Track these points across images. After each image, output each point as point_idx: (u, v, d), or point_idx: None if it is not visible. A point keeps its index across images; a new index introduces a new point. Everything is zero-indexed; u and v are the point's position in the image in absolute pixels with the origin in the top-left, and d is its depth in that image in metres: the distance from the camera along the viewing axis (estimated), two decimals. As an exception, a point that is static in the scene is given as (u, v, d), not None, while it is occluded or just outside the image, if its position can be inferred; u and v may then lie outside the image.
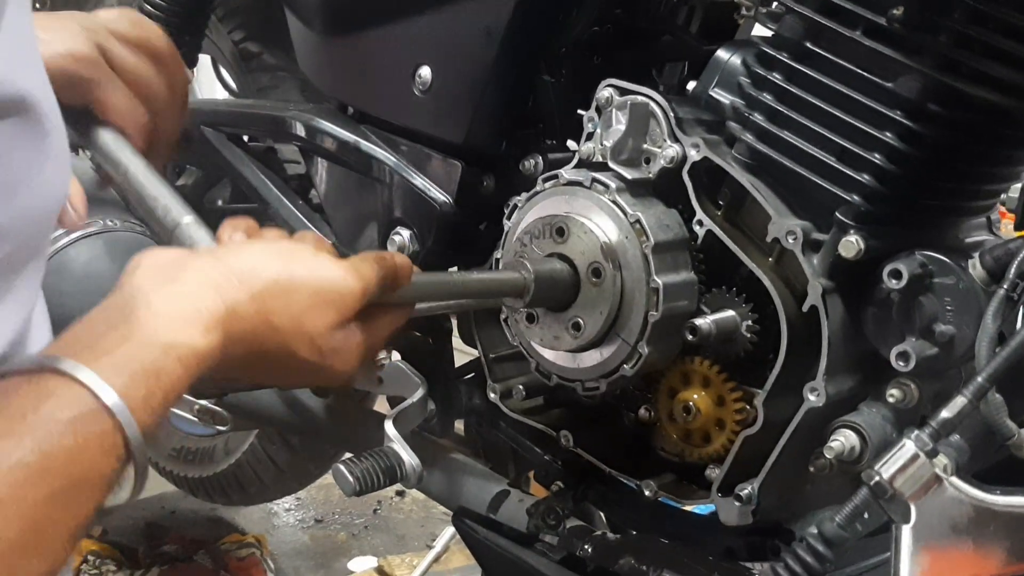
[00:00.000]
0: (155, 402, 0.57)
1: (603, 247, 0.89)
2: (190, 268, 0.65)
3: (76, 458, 0.52)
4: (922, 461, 0.60)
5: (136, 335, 0.58)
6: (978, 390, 0.63)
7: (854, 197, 0.80)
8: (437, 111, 1.05)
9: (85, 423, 0.53)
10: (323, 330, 0.71)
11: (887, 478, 0.60)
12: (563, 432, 1.03)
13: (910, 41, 0.75)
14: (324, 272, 0.72)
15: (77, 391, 0.54)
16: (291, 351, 0.70)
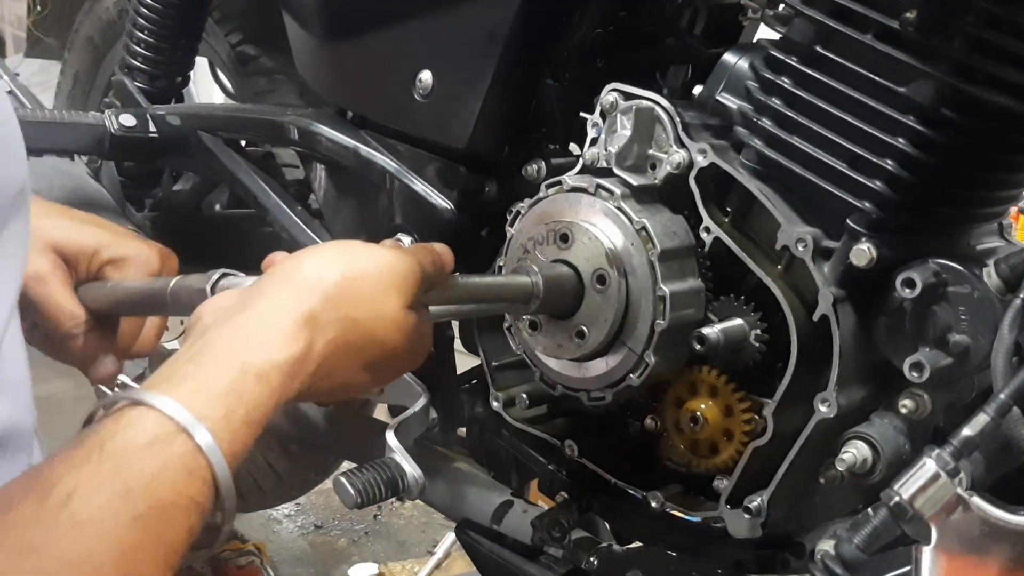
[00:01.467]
0: (237, 421, 0.57)
1: (608, 254, 0.87)
2: (255, 295, 0.67)
3: (158, 481, 0.52)
4: (943, 481, 0.59)
5: (211, 362, 0.60)
6: (1001, 407, 0.61)
7: (866, 204, 0.79)
8: (438, 116, 1.04)
9: (163, 445, 0.53)
10: (399, 310, 0.74)
11: (907, 498, 0.59)
12: (568, 442, 1.01)
13: (923, 45, 0.73)
14: (384, 259, 0.74)
15: (154, 416, 0.55)
16: (378, 339, 0.73)
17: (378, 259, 0.74)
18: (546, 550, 0.99)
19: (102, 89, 1.76)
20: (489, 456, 1.19)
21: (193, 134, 1.29)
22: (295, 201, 1.20)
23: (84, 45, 1.78)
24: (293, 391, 0.63)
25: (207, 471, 0.55)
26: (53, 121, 1.26)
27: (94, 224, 0.90)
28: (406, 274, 0.75)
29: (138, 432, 0.53)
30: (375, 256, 0.74)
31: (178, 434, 0.54)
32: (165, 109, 1.36)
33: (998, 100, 0.73)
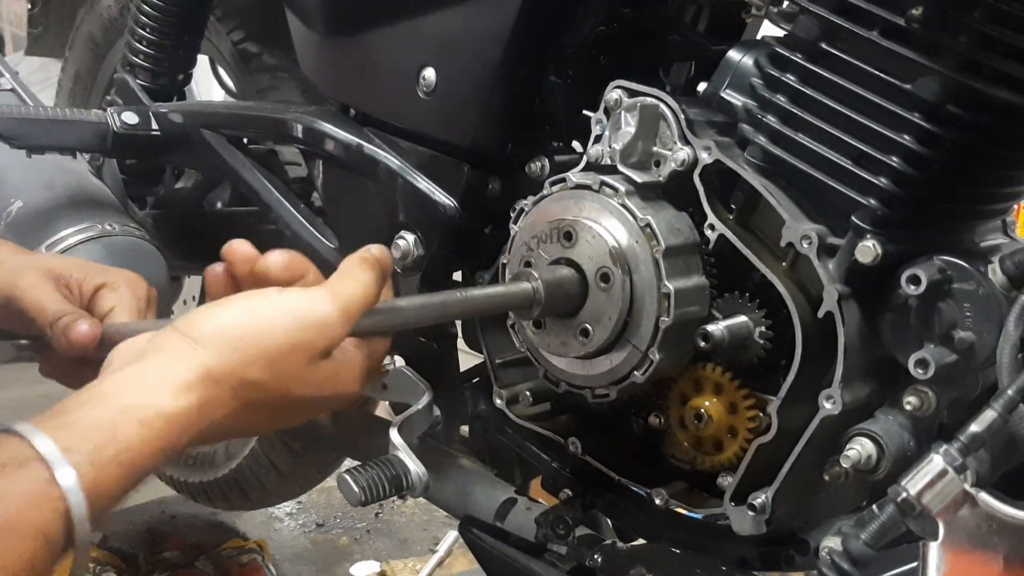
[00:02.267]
0: (105, 459, 0.57)
1: (612, 251, 0.87)
2: (157, 345, 0.67)
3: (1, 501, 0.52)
4: (951, 477, 0.59)
5: (94, 400, 0.60)
6: (1008, 403, 0.61)
7: (871, 201, 0.79)
8: (442, 113, 1.03)
9: (14, 469, 0.53)
10: (306, 364, 0.72)
11: (915, 494, 0.59)
12: (571, 439, 1.01)
13: (929, 41, 0.73)
14: (295, 307, 0.72)
15: (15, 442, 0.55)
16: (282, 394, 0.71)
17: (291, 308, 0.71)
18: (550, 547, 0.99)
19: (103, 87, 1.76)
20: (492, 453, 1.19)
21: (196, 131, 1.28)
22: (298, 199, 1.20)
23: (85, 43, 1.78)
24: (181, 442, 0.63)
25: (60, 503, 0.54)
26: (56, 119, 1.26)
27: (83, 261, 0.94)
28: (322, 321, 0.72)
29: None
30: (287, 305, 0.71)
31: (34, 461, 0.54)
32: (167, 107, 1.36)
33: (1004, 96, 0.73)
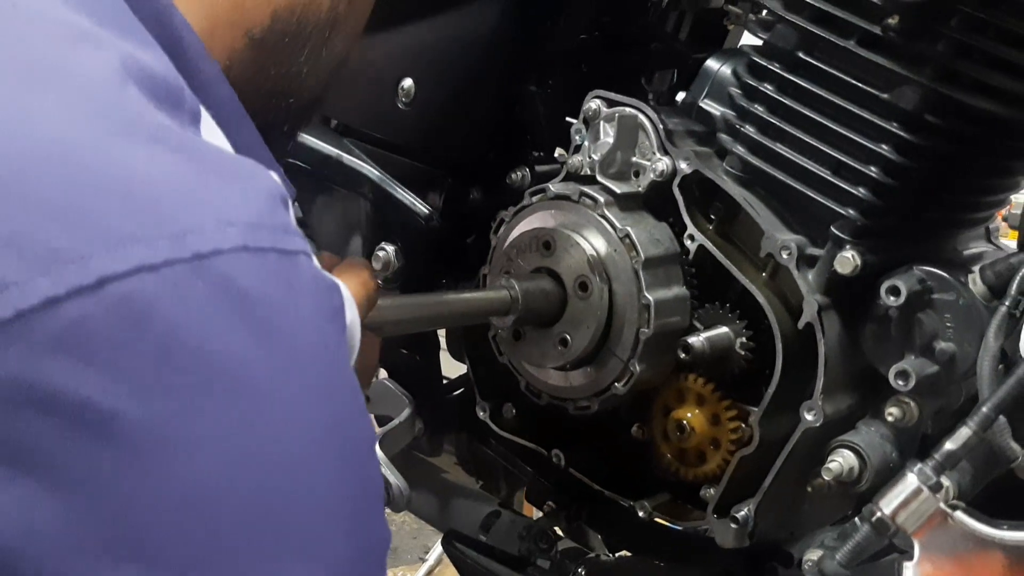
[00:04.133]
0: None
1: (590, 260, 0.87)
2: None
3: None
4: (925, 495, 0.58)
5: None
6: (983, 420, 0.61)
7: (850, 211, 0.78)
8: (421, 123, 1.03)
9: None
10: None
11: (889, 513, 0.58)
12: (555, 451, 1.00)
13: (906, 51, 0.73)
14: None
15: None
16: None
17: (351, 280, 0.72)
18: (534, 561, 0.98)
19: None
20: (478, 466, 1.19)
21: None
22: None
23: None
24: None
25: None
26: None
27: None
28: (367, 294, 0.72)
29: None
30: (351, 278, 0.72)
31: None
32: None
33: (982, 105, 0.73)
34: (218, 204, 0.40)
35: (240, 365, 0.38)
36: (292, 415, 0.39)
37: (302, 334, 0.41)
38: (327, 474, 0.41)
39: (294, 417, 0.39)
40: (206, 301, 0.38)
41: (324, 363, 0.42)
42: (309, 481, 0.40)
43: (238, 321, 0.38)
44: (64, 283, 0.35)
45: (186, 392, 0.36)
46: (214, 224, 0.39)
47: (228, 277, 0.39)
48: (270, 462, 0.38)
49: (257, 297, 0.40)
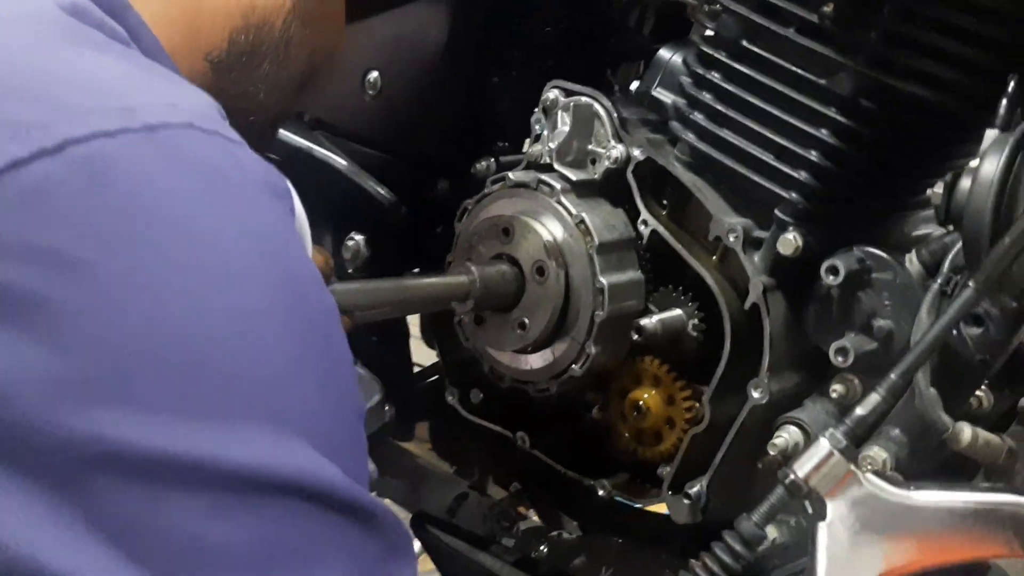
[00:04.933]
0: None
1: (546, 245, 0.89)
2: None
3: None
4: (836, 459, 0.61)
5: None
6: (892, 387, 0.63)
7: (792, 195, 0.81)
8: (386, 115, 1.05)
9: None
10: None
11: (802, 476, 0.61)
12: (520, 433, 1.03)
13: (842, 38, 0.75)
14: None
15: None
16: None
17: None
18: (499, 540, 1.00)
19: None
20: (450, 450, 1.21)
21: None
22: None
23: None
24: None
25: None
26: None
27: None
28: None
29: None
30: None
31: None
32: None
33: (915, 90, 0.75)
34: (164, 93, 0.45)
35: (195, 220, 0.41)
36: (249, 268, 0.42)
37: (252, 200, 0.44)
38: (285, 326, 0.43)
39: (252, 270, 0.42)
40: (160, 163, 0.41)
41: (275, 229, 0.45)
42: (268, 331, 0.42)
43: (191, 182, 0.42)
44: (29, 147, 0.39)
45: (148, 242, 0.39)
46: (162, 106, 0.43)
47: (178, 146, 0.42)
48: (230, 308, 0.41)
49: (207, 164, 0.43)
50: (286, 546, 0.41)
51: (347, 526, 0.44)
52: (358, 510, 0.45)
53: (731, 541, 0.63)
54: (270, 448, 0.41)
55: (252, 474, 0.40)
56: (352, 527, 0.45)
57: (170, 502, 0.38)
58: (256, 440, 0.40)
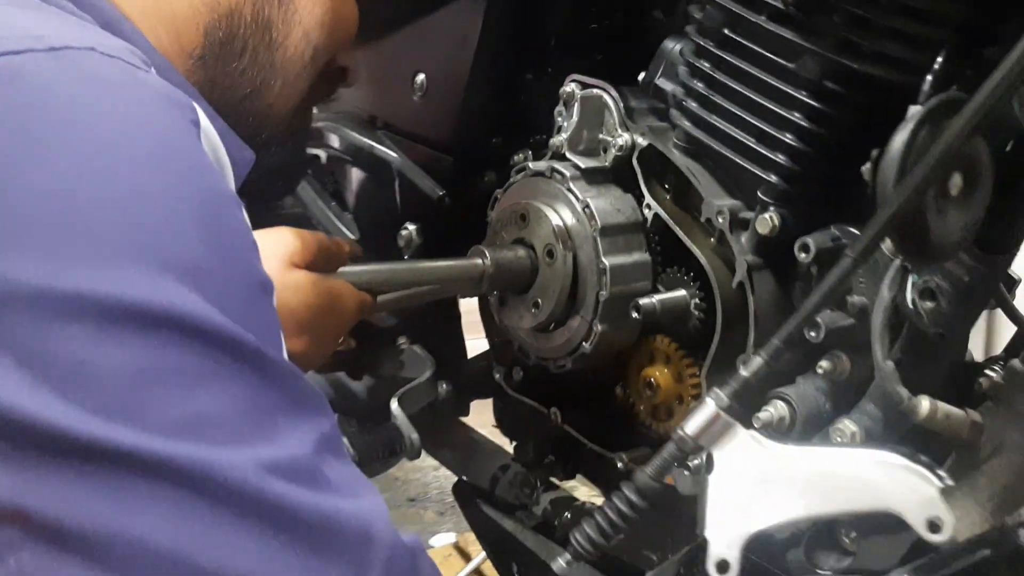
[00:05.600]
0: None
1: (555, 229, 0.96)
2: None
3: None
4: (721, 418, 0.64)
5: None
6: (774, 351, 0.66)
7: (772, 176, 0.84)
8: (431, 113, 1.14)
9: None
10: (284, 271, 0.86)
11: (691, 433, 0.64)
12: (553, 409, 1.09)
13: (807, 24, 0.78)
14: (270, 235, 0.88)
15: None
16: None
17: (266, 235, 0.86)
18: (527, 506, 1.07)
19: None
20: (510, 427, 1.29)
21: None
22: (330, 198, 1.33)
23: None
24: None
25: None
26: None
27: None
28: (290, 242, 0.87)
29: None
30: (265, 233, 0.86)
31: None
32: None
33: (880, 73, 0.77)
34: (79, 32, 0.54)
35: (86, 107, 0.50)
36: (136, 142, 0.50)
37: (145, 100, 0.52)
38: (170, 190, 0.50)
39: (138, 144, 0.50)
40: (58, 72, 0.50)
41: (165, 120, 0.53)
42: (153, 191, 0.49)
43: (85, 84, 0.51)
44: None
45: (42, 122, 0.49)
46: (71, 37, 0.52)
47: (78, 61, 0.51)
48: (115, 173, 0.48)
49: (102, 73, 0.52)
50: (167, 371, 0.47)
51: (234, 365, 0.49)
52: (247, 354, 0.49)
53: (627, 492, 0.68)
54: (148, 286, 0.47)
55: (132, 306, 0.46)
56: (241, 368, 0.49)
57: (61, 331, 0.45)
58: (136, 279, 0.47)
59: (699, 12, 0.88)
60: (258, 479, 0.47)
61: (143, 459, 0.45)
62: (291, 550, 0.47)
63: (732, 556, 0.61)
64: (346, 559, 0.49)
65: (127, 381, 0.46)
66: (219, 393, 0.48)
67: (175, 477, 0.45)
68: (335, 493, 0.50)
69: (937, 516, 0.59)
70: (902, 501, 0.59)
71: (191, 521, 0.45)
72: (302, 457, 0.50)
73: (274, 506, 0.47)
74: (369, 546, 0.51)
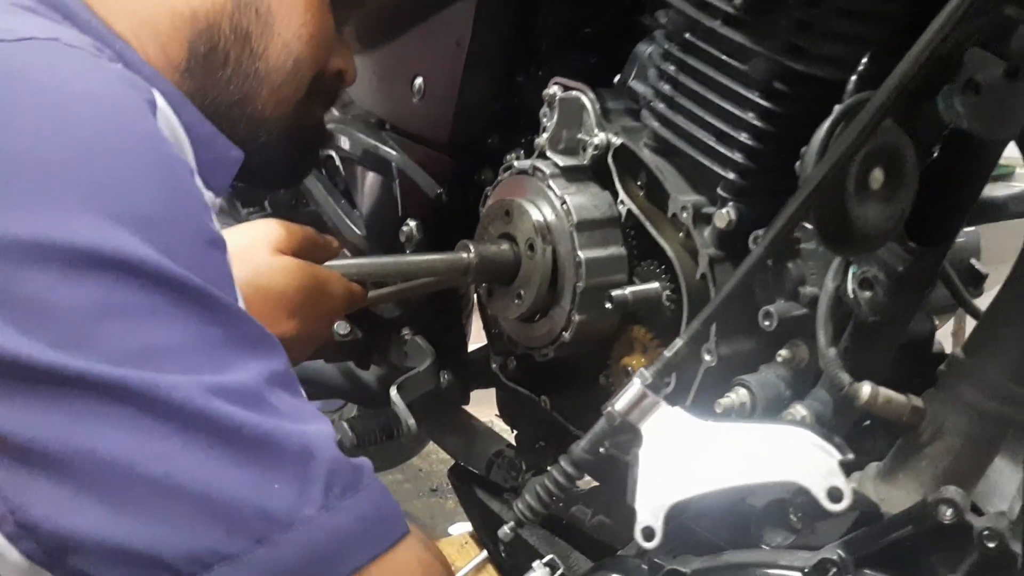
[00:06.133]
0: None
1: (535, 224, 1.01)
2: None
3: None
4: (648, 396, 0.68)
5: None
6: (694, 334, 0.70)
7: (730, 174, 0.88)
8: (430, 115, 1.20)
9: None
10: (270, 255, 0.91)
11: (620, 410, 0.69)
12: (543, 397, 1.15)
13: (756, 27, 0.82)
14: (258, 225, 0.94)
15: None
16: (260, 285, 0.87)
17: (254, 226, 0.92)
18: (517, 490, 1.13)
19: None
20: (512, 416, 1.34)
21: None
22: (340, 196, 1.40)
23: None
24: None
25: None
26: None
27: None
28: (276, 230, 0.91)
29: None
30: (253, 224, 0.92)
31: None
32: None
33: (826, 74, 0.80)
34: (44, 25, 0.61)
35: (46, 78, 0.57)
36: (91, 108, 0.56)
37: (104, 79, 0.59)
38: (122, 147, 0.56)
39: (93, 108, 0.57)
40: (20, 56, 0.57)
41: (121, 95, 0.59)
42: (108, 148, 0.56)
43: (50, 65, 0.58)
44: None
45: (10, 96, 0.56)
46: (38, 30, 0.59)
47: (42, 47, 0.58)
48: (69, 132, 0.55)
49: (65, 57, 0.59)
50: (119, 308, 0.52)
51: (183, 304, 0.54)
52: (195, 295, 0.54)
53: (564, 464, 0.72)
54: (103, 234, 0.52)
55: (87, 251, 0.52)
56: (191, 307, 0.54)
57: (24, 275, 0.51)
58: (92, 227, 0.52)
59: (664, 17, 0.92)
60: (204, 400, 0.52)
61: (96, 382, 0.50)
62: (233, 462, 0.52)
63: (656, 524, 0.66)
64: (287, 472, 0.53)
65: (83, 317, 0.51)
66: (168, 328, 0.53)
67: (123, 396, 0.51)
68: (281, 418, 0.55)
69: (836, 486, 0.63)
70: (806, 472, 0.63)
71: (138, 434, 0.51)
72: (250, 385, 0.55)
73: (217, 423, 0.52)
74: (310, 461, 0.55)
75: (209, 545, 0.50)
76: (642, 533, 0.66)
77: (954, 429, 0.77)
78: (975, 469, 0.80)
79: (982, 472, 0.81)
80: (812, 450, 0.63)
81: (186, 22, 0.76)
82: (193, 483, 0.51)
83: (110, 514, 0.50)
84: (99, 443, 0.50)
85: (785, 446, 0.64)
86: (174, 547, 0.50)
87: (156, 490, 0.50)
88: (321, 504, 0.53)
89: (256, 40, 0.82)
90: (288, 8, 0.82)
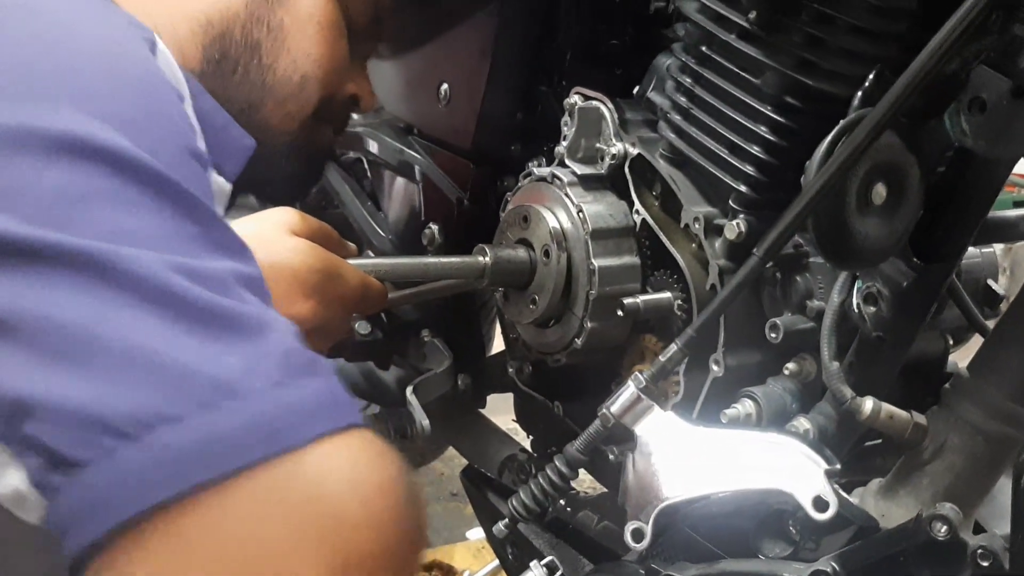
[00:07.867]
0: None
1: (551, 231, 1.02)
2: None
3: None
4: (642, 400, 0.69)
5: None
6: (688, 340, 0.71)
7: (741, 186, 0.88)
8: (455, 121, 1.22)
9: None
10: (284, 236, 0.91)
11: (614, 413, 0.70)
12: (556, 403, 1.16)
13: (769, 42, 0.83)
14: (275, 213, 0.94)
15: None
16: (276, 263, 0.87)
17: (270, 212, 0.93)
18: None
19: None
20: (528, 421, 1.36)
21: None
22: (367, 198, 1.43)
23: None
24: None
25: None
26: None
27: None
28: (292, 215, 0.93)
29: None
30: (269, 211, 0.94)
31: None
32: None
33: (836, 90, 0.81)
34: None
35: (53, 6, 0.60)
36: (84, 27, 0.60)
37: (105, 14, 0.62)
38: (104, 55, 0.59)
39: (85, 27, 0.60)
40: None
41: (120, 29, 0.62)
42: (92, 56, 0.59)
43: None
44: None
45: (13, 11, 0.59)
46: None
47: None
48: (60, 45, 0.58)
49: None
50: (95, 192, 0.53)
51: (160, 198, 0.54)
52: (172, 191, 0.55)
53: (558, 464, 0.74)
54: (87, 127, 0.54)
55: (69, 139, 0.53)
56: (166, 201, 0.54)
57: (7, 159, 0.53)
58: (77, 120, 0.54)
59: (683, 30, 0.93)
60: (165, 275, 0.52)
61: (60, 252, 0.51)
62: (186, 331, 0.52)
63: (646, 526, 0.67)
64: (241, 347, 0.53)
65: (58, 199, 0.52)
66: (143, 216, 0.54)
67: (84, 264, 0.51)
68: (243, 304, 0.55)
69: (821, 495, 0.64)
70: (792, 480, 0.64)
71: (94, 300, 0.51)
72: (216, 273, 0.55)
73: (175, 295, 0.52)
74: (266, 340, 0.54)
75: (152, 407, 0.50)
76: (631, 534, 0.67)
77: (956, 448, 0.78)
78: (978, 488, 0.80)
79: (986, 491, 0.81)
80: (800, 459, 0.64)
81: (202, 28, 0.79)
82: (142, 348, 0.51)
83: (60, 376, 0.50)
84: (54, 309, 0.50)
85: (774, 454, 0.64)
86: (117, 408, 0.49)
87: (106, 354, 0.50)
88: (275, 381, 0.52)
89: (265, 52, 0.85)
90: (300, 28, 0.85)
